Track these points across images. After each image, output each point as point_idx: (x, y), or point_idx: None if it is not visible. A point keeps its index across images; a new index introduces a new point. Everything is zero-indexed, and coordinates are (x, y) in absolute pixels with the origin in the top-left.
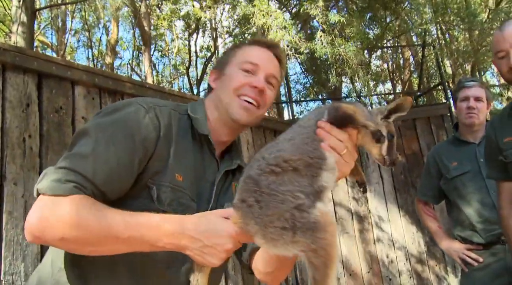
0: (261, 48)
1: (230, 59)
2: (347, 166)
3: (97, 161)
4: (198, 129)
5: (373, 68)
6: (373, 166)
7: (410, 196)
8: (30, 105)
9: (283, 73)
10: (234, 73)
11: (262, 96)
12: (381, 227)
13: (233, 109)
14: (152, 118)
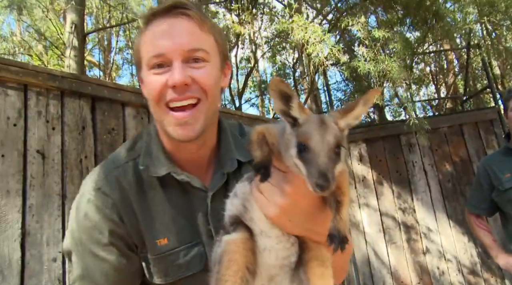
0: (161, 21)
1: (141, 55)
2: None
3: (95, 279)
4: (153, 175)
5: (416, 72)
6: (419, 175)
7: (459, 205)
8: (85, 128)
9: (209, 25)
10: (147, 77)
11: (192, 87)
12: (430, 237)
13: (168, 128)
14: (101, 207)
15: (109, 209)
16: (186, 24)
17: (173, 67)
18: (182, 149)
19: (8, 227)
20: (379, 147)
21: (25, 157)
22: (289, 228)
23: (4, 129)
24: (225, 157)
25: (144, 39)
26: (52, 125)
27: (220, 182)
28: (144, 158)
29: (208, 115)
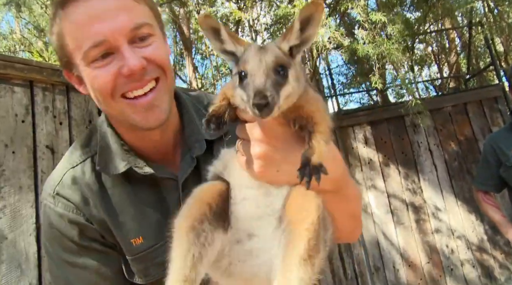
0: (83, 2)
1: (69, 49)
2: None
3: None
4: (112, 173)
5: (417, 52)
6: (425, 155)
7: (466, 183)
8: (92, 122)
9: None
10: (88, 74)
11: (148, 69)
12: (438, 216)
13: (134, 119)
14: (64, 213)
15: (73, 213)
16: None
17: (122, 53)
18: (144, 138)
19: (23, 222)
20: (383, 129)
21: (34, 152)
22: (280, 179)
23: (13, 126)
24: (191, 138)
25: (68, 29)
26: (59, 120)
27: (190, 168)
28: (101, 156)
29: (171, 93)
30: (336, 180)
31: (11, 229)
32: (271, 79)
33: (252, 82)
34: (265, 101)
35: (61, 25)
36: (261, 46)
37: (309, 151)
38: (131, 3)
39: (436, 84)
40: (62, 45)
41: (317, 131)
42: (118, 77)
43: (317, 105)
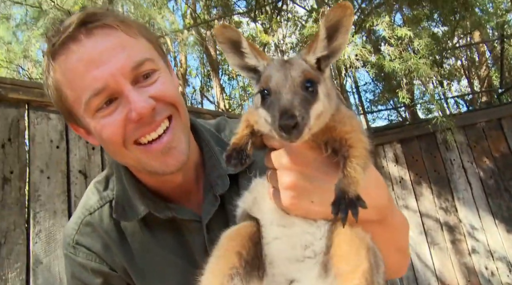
0: (76, 49)
1: (69, 101)
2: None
3: None
4: (130, 219)
5: (446, 67)
6: (459, 172)
7: (504, 202)
8: None
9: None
10: (96, 125)
11: (158, 109)
12: (475, 236)
13: (153, 166)
14: (86, 263)
15: (96, 263)
16: (111, 38)
17: (127, 97)
18: (165, 181)
19: (57, 247)
20: (414, 146)
21: (68, 177)
22: (315, 211)
23: (49, 152)
24: (212, 174)
25: (63, 80)
26: (92, 145)
27: (213, 207)
28: (118, 202)
29: (187, 130)
30: (380, 208)
31: (46, 254)
32: (299, 96)
33: (277, 101)
34: (294, 122)
35: (55, 78)
36: (286, 59)
37: (344, 181)
38: (126, 40)
39: (467, 99)
40: (60, 98)
41: (353, 156)
42: (127, 123)
43: (351, 125)
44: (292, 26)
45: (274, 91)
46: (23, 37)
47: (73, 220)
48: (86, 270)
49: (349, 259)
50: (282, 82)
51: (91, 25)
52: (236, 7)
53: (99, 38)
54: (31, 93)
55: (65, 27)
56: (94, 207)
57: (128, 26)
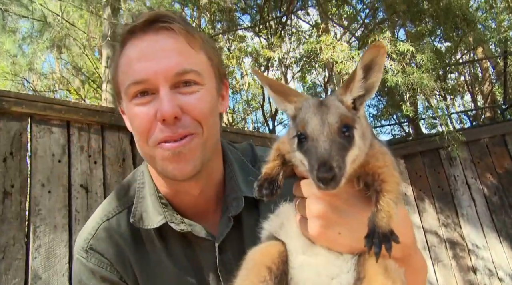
0: (140, 39)
1: (119, 82)
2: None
3: None
4: (146, 226)
5: (449, 82)
6: (462, 189)
7: (509, 218)
8: (125, 160)
9: (200, 39)
10: (129, 110)
11: (183, 121)
12: (479, 254)
13: (161, 166)
14: (97, 269)
15: (107, 271)
16: (171, 42)
17: (160, 96)
18: (181, 191)
19: (57, 262)
20: (418, 162)
21: (69, 191)
22: (342, 243)
23: (50, 166)
24: (230, 196)
25: (121, 62)
26: (94, 159)
27: (227, 229)
28: (137, 207)
29: (206, 149)
30: (405, 247)
31: (45, 269)
32: (336, 144)
33: (315, 149)
34: (331, 174)
35: (118, 60)
36: (321, 101)
37: (377, 215)
38: (186, 48)
39: (471, 115)
40: (114, 78)
41: (386, 191)
42: (153, 120)
43: (384, 160)
44: (296, 41)
45: (311, 137)
46: (28, 50)
47: (91, 224)
48: (95, 276)
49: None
50: (320, 128)
51: (160, 25)
52: (240, 22)
53: (160, 38)
54: (34, 107)
55: (139, 19)
56: (112, 212)
57: (192, 37)
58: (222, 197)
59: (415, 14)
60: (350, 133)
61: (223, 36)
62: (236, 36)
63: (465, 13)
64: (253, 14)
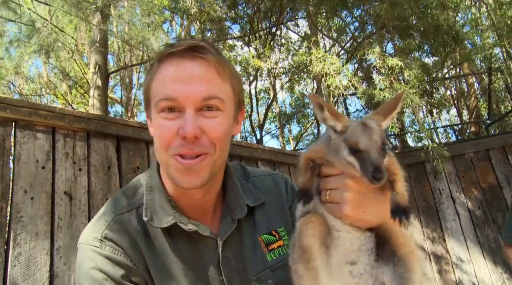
0: (177, 63)
1: (151, 94)
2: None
3: None
4: (156, 226)
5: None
6: (447, 202)
7: (492, 232)
8: (111, 168)
9: (228, 71)
10: (156, 121)
11: (201, 140)
12: (463, 267)
13: (173, 174)
14: (111, 256)
15: (121, 257)
16: (203, 70)
17: (185, 116)
18: (186, 195)
19: (37, 270)
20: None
21: (52, 199)
22: (365, 219)
23: (33, 172)
24: (233, 202)
25: (157, 78)
26: (79, 166)
27: (231, 228)
28: (147, 208)
29: (215, 166)
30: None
31: (24, 278)
32: (381, 155)
33: (369, 159)
34: (383, 176)
35: (153, 75)
36: (365, 124)
37: (397, 196)
38: (214, 78)
39: (456, 129)
40: (148, 88)
41: (398, 180)
42: (176, 136)
43: (392, 159)
44: (285, 52)
45: (363, 150)
46: (16, 53)
47: (103, 218)
48: (111, 262)
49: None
50: (371, 145)
51: (198, 54)
52: (230, 31)
53: (196, 65)
54: (19, 112)
55: (179, 45)
56: (123, 210)
57: (222, 69)
58: (220, 203)
59: (403, 29)
60: (385, 148)
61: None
62: (226, 45)
63: (453, 30)
64: (243, 24)
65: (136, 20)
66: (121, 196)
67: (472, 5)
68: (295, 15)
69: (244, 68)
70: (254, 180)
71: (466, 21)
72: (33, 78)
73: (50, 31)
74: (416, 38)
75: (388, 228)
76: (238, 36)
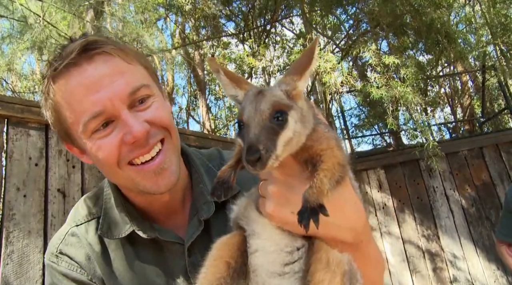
0: (77, 72)
1: (67, 123)
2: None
3: None
4: (115, 237)
5: (430, 94)
6: (441, 200)
7: (485, 229)
8: None
9: (132, 53)
10: (90, 145)
11: (152, 132)
12: (457, 265)
13: (145, 185)
14: (67, 272)
15: (76, 273)
16: (110, 64)
17: (123, 121)
18: (153, 201)
19: (30, 268)
20: (398, 173)
21: (46, 196)
22: (293, 221)
23: (26, 169)
24: (199, 200)
25: (64, 101)
26: (72, 163)
27: (197, 232)
28: (104, 219)
29: (177, 150)
30: (355, 231)
31: (17, 276)
32: (266, 129)
33: (247, 134)
34: (256, 156)
35: (55, 100)
36: (260, 90)
37: (309, 191)
38: (124, 66)
39: (450, 126)
40: (59, 119)
41: (321, 169)
42: (122, 145)
43: (328, 143)
44: (280, 49)
45: (246, 124)
46: (8, 50)
47: (60, 231)
48: (67, 279)
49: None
50: (253, 115)
51: (92, 52)
52: (225, 29)
53: (99, 64)
54: (11, 109)
55: (67, 53)
56: (81, 220)
57: (126, 54)
58: (188, 199)
59: (398, 28)
60: (283, 117)
61: (207, 43)
62: (220, 43)
63: (446, 28)
64: (237, 21)
65: (130, 17)
66: (82, 205)
67: (466, 3)
68: (290, 13)
69: (239, 65)
70: None
71: (460, 19)
72: (26, 75)
73: (43, 28)
74: (410, 36)
75: (316, 244)
76: (232, 34)
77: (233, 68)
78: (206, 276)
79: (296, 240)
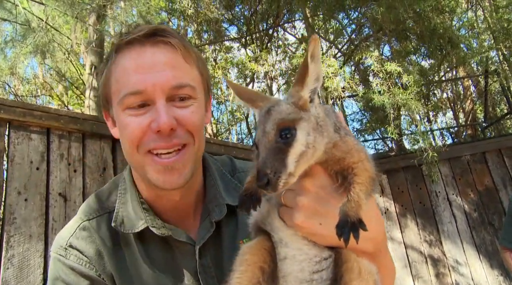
0: (138, 51)
1: (111, 90)
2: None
3: None
4: (127, 231)
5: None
6: (444, 205)
7: (488, 235)
8: (106, 169)
9: (194, 55)
10: (121, 120)
11: (177, 132)
12: (459, 270)
13: (152, 176)
14: (75, 266)
15: (85, 267)
16: (169, 55)
17: (157, 108)
18: (163, 197)
19: (30, 273)
20: (400, 178)
21: (47, 200)
22: (322, 233)
23: (28, 173)
24: (212, 203)
25: (117, 70)
26: (73, 167)
27: (208, 233)
28: (119, 212)
29: (196, 159)
30: (377, 241)
31: (17, 280)
32: (272, 150)
33: (258, 159)
34: (265, 181)
35: (111, 67)
36: (268, 108)
37: (347, 205)
38: (181, 62)
39: (452, 131)
40: (106, 85)
41: (356, 183)
42: (147, 131)
43: (359, 156)
44: (282, 54)
45: (257, 146)
46: (11, 54)
47: (70, 224)
48: (74, 272)
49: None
50: (261, 138)
51: (159, 38)
52: (227, 33)
53: (159, 51)
54: (13, 112)
55: (137, 31)
56: (93, 214)
57: (188, 53)
58: (201, 203)
59: (400, 33)
60: (290, 133)
61: (210, 47)
62: (223, 47)
63: (449, 33)
64: (240, 25)
65: (132, 21)
66: (94, 199)
67: (469, 8)
68: (292, 17)
69: (241, 70)
70: (241, 175)
71: (462, 24)
72: (28, 79)
73: (45, 31)
74: (413, 41)
75: (344, 253)
76: (235, 38)
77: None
78: (241, 281)
79: (323, 250)
